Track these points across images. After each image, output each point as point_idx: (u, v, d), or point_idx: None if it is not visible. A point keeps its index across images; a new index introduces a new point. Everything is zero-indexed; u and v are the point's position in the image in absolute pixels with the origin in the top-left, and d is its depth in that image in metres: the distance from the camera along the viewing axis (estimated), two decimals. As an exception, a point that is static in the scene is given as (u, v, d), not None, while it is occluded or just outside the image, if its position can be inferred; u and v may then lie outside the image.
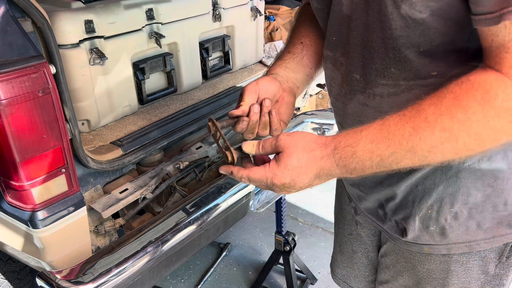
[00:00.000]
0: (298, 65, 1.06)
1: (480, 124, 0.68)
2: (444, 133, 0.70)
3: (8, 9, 1.14)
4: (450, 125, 0.70)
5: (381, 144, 0.75)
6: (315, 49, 1.08)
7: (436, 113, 0.71)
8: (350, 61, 0.90)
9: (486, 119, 0.68)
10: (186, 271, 2.60)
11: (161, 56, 1.97)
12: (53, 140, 1.22)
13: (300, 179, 0.82)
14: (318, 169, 0.81)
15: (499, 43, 0.67)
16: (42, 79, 1.15)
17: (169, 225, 1.46)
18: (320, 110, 2.28)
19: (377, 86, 0.87)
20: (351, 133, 0.79)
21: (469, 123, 0.69)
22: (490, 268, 0.98)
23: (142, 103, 1.98)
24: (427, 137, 0.71)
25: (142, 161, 1.77)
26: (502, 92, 0.67)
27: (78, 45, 1.65)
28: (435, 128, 0.71)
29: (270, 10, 3.08)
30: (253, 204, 1.83)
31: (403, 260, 1.07)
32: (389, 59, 0.82)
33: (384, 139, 0.75)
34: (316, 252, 2.72)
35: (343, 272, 1.36)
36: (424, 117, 0.72)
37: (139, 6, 1.85)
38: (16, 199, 1.26)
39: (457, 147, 0.71)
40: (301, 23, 1.13)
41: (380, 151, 0.75)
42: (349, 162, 0.78)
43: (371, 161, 0.76)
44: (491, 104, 0.67)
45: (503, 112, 0.67)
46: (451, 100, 0.70)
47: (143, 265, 1.36)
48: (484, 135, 0.69)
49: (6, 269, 1.82)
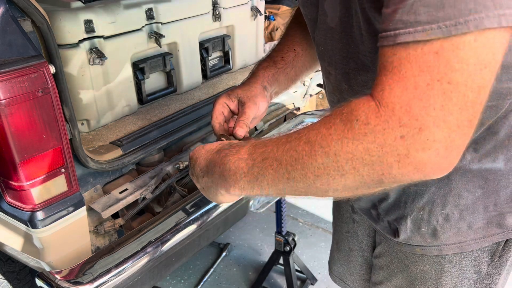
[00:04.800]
0: (285, 78, 1.10)
1: (338, 144, 0.63)
2: (306, 146, 0.67)
3: (7, 9, 1.13)
4: (314, 138, 0.66)
5: (258, 148, 0.75)
6: (304, 60, 1.12)
7: (310, 127, 0.69)
8: (338, 72, 0.90)
9: (345, 139, 0.62)
10: (186, 271, 2.59)
11: (161, 56, 1.97)
12: (52, 140, 1.22)
13: (199, 160, 0.87)
14: (207, 159, 0.85)
15: (383, 64, 0.62)
16: (42, 79, 1.15)
17: (169, 225, 1.46)
18: (320, 110, 2.28)
19: None
20: (253, 138, 0.84)
21: (329, 140, 0.64)
22: (483, 268, 0.98)
23: (141, 103, 1.98)
24: (293, 148, 0.69)
25: (142, 161, 1.77)
26: (365, 115, 0.61)
27: (78, 45, 1.65)
28: (301, 140, 0.68)
29: (270, 10, 3.08)
30: (253, 204, 1.82)
31: (397, 261, 1.08)
32: (372, 72, 0.80)
33: (263, 144, 0.74)
34: (316, 252, 2.72)
35: (339, 269, 1.37)
36: (301, 130, 0.70)
37: (138, 6, 1.85)
38: (15, 199, 1.26)
39: (316, 164, 0.66)
40: (297, 26, 1.14)
41: (256, 155, 0.74)
42: (228, 159, 0.78)
43: (245, 163, 0.75)
44: (351, 124, 0.62)
45: (361, 136, 0.61)
46: (325, 117, 0.67)
47: (143, 265, 1.36)
48: (341, 158, 0.63)
49: (5, 269, 1.82)
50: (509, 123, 0.87)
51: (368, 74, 0.84)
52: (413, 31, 0.57)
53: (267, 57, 1.11)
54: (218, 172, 0.80)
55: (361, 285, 1.32)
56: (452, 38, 0.56)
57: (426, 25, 0.56)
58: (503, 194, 0.92)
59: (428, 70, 0.57)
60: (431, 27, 0.56)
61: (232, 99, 1.04)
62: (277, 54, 1.10)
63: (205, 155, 0.87)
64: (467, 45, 0.55)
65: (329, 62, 0.92)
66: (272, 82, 1.07)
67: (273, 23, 2.97)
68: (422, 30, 0.57)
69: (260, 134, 2.04)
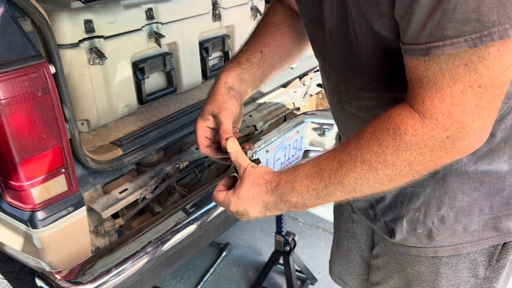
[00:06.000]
0: (252, 78, 1.09)
1: (394, 156, 0.73)
2: (364, 165, 0.75)
3: (7, 8, 1.13)
4: (368, 157, 0.75)
5: (314, 179, 0.81)
6: (271, 61, 1.11)
7: (357, 147, 0.77)
8: (336, 73, 0.93)
9: (399, 151, 0.72)
10: (186, 271, 2.59)
11: (161, 56, 1.97)
12: (52, 140, 1.22)
13: (251, 210, 0.89)
14: (265, 202, 0.87)
15: (417, 77, 0.70)
16: (42, 79, 1.15)
17: (169, 225, 1.46)
18: (320, 110, 2.28)
19: (362, 99, 0.90)
20: (292, 169, 0.86)
21: (384, 156, 0.73)
22: (480, 271, 0.98)
23: (141, 103, 1.98)
24: (351, 170, 0.77)
25: (142, 161, 1.77)
26: (412, 127, 0.70)
27: (78, 45, 1.65)
28: (357, 161, 0.76)
29: (270, 10, 3.08)
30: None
31: (394, 261, 1.08)
32: (369, 75, 0.86)
33: (317, 174, 0.81)
34: (316, 253, 2.72)
35: (339, 268, 1.37)
36: (348, 151, 0.78)
37: (138, 6, 1.85)
38: (15, 199, 1.26)
39: (379, 178, 0.76)
40: (267, 26, 1.12)
41: (315, 185, 0.81)
42: (290, 196, 0.84)
43: (308, 194, 0.82)
44: (401, 138, 0.71)
45: (413, 146, 0.71)
46: (369, 134, 0.76)
47: (142, 265, 1.36)
48: (400, 166, 0.73)
49: (5, 269, 1.82)
50: (505, 126, 0.87)
51: (364, 77, 0.86)
52: (442, 44, 0.64)
53: (233, 59, 1.09)
54: (285, 208, 0.87)
55: (360, 285, 1.32)
56: (477, 49, 0.63)
57: (454, 39, 0.63)
58: (499, 197, 0.92)
59: (461, 80, 0.66)
60: (458, 40, 0.63)
61: (207, 118, 1.01)
62: (243, 55, 1.09)
63: (252, 201, 0.88)
64: (491, 55, 0.63)
65: (330, 63, 0.94)
66: (236, 82, 1.05)
67: (273, 23, 2.97)
68: (450, 44, 0.64)
69: (260, 134, 2.04)
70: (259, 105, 2.18)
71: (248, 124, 2.05)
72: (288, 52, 1.12)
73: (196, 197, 1.58)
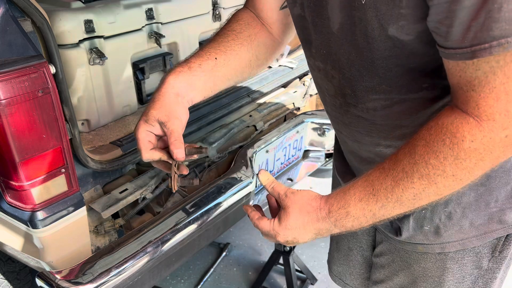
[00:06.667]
0: (202, 86, 1.00)
1: (453, 166, 0.70)
2: (423, 180, 0.73)
3: (7, 9, 1.13)
4: (426, 172, 0.72)
5: (369, 200, 0.79)
6: (225, 71, 1.02)
7: (411, 162, 0.74)
8: (341, 76, 0.91)
9: (458, 161, 0.70)
10: (186, 271, 2.59)
11: (161, 56, 1.97)
12: (52, 140, 1.22)
13: (301, 237, 0.87)
14: (317, 229, 0.85)
15: (466, 80, 0.68)
16: (42, 79, 1.15)
17: (169, 225, 1.46)
18: (320, 110, 2.28)
19: (369, 101, 0.89)
20: (341, 194, 0.83)
21: (443, 167, 0.71)
22: (484, 263, 0.99)
23: (141, 103, 1.98)
24: (408, 186, 0.75)
25: (142, 161, 1.77)
26: (468, 133, 0.68)
27: (78, 45, 1.65)
28: (414, 177, 0.74)
29: (270, 10, 3.07)
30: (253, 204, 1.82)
31: (399, 259, 1.08)
32: (380, 77, 0.84)
33: (371, 195, 0.79)
34: (316, 252, 2.72)
35: (339, 269, 1.37)
36: (401, 168, 0.75)
37: (139, 6, 1.85)
38: (15, 199, 1.26)
39: (439, 190, 0.74)
40: (227, 33, 1.06)
41: (371, 207, 0.79)
42: (345, 222, 0.82)
43: (365, 217, 0.80)
44: (459, 147, 0.69)
45: (472, 153, 0.69)
46: (423, 148, 0.73)
47: (143, 265, 1.36)
48: (460, 175, 0.71)
49: (5, 269, 1.82)
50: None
51: (374, 80, 0.85)
52: (489, 46, 0.63)
53: (183, 62, 1.00)
54: (339, 231, 0.85)
55: (361, 284, 1.32)
56: None
57: (501, 39, 0.62)
58: (504, 190, 0.93)
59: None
60: (507, 40, 0.62)
61: (152, 123, 0.93)
62: (195, 60, 0.99)
63: (303, 230, 0.87)
64: None
65: (333, 65, 0.92)
66: (185, 88, 0.97)
67: (273, 23, 2.96)
68: (497, 45, 0.62)
69: (260, 134, 2.04)
70: (259, 105, 2.18)
71: (248, 124, 2.05)
72: (245, 63, 1.04)
73: (196, 197, 1.58)
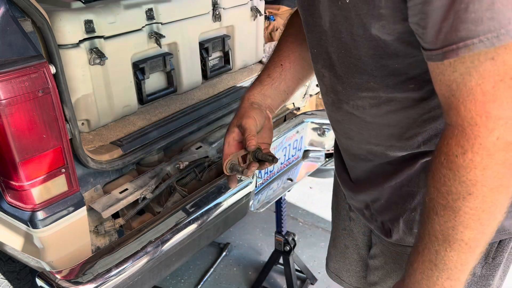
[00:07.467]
0: (275, 92, 1.12)
1: (462, 186, 0.67)
2: (446, 211, 0.70)
3: (8, 9, 1.14)
4: (444, 202, 0.70)
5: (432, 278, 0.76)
6: (294, 72, 1.13)
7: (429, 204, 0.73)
8: (333, 74, 0.92)
9: (461, 178, 0.67)
10: (186, 271, 2.59)
11: (161, 56, 1.97)
12: (53, 140, 1.22)
13: None
14: None
15: (446, 84, 0.67)
16: (42, 79, 1.15)
17: (169, 225, 1.46)
18: (320, 110, 2.28)
19: (359, 99, 0.89)
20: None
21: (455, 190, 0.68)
22: (477, 269, 0.98)
23: (142, 103, 1.98)
24: (442, 224, 0.72)
25: (142, 161, 1.77)
26: (457, 146, 0.66)
27: (78, 45, 1.65)
28: (432, 213, 0.72)
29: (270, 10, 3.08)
30: (253, 204, 1.82)
31: (391, 261, 1.08)
32: (368, 75, 0.85)
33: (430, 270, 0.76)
34: (316, 252, 2.72)
35: (335, 266, 1.38)
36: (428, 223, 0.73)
37: (139, 6, 1.85)
38: (16, 199, 1.26)
39: (472, 216, 0.69)
40: (286, 38, 1.15)
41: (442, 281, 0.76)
42: None
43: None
44: (455, 163, 0.67)
45: (469, 166, 0.66)
46: (431, 181, 0.71)
47: (143, 265, 1.36)
48: (477, 192, 0.67)
49: (6, 269, 1.82)
50: None
51: (362, 78, 0.86)
52: (456, 47, 0.62)
53: (255, 79, 1.14)
54: None
55: (357, 281, 1.33)
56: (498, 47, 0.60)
57: (468, 40, 0.61)
58: None
59: (489, 75, 0.62)
60: (472, 41, 0.60)
61: (233, 130, 1.06)
62: (264, 72, 1.13)
63: None
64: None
65: (323, 64, 0.93)
66: (259, 98, 1.10)
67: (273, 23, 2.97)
68: (463, 46, 0.61)
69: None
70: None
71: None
72: (309, 60, 1.09)
73: (196, 197, 1.58)
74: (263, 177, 1.98)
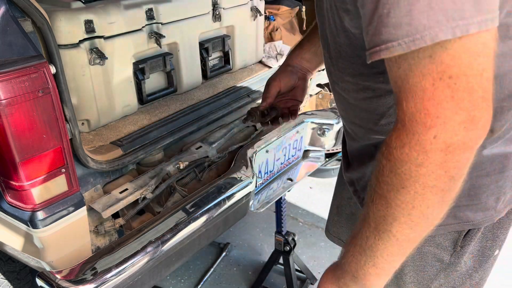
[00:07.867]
0: (313, 55, 1.29)
1: (396, 178, 0.70)
2: (382, 200, 0.73)
3: (8, 9, 1.14)
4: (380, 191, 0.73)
5: (356, 255, 0.80)
6: None
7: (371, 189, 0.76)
8: (328, 55, 1.00)
9: (396, 169, 0.69)
10: (186, 271, 2.60)
11: (161, 56, 1.97)
12: (53, 140, 1.22)
13: None
14: None
15: (393, 80, 0.69)
16: (42, 79, 1.15)
17: (169, 225, 1.46)
18: (320, 110, 2.28)
19: (344, 82, 0.97)
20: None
21: (389, 180, 0.71)
22: (445, 257, 1.01)
23: (142, 103, 1.98)
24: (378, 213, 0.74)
25: (142, 161, 1.77)
26: (396, 139, 0.68)
27: (78, 45, 1.65)
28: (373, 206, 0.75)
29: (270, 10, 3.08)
30: (253, 204, 1.82)
31: None
32: (347, 62, 0.92)
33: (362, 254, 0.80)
34: (316, 252, 2.72)
35: (338, 230, 1.40)
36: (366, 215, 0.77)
37: (139, 6, 1.85)
38: (16, 199, 1.26)
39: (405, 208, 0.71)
40: None
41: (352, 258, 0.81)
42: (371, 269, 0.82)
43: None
44: (393, 155, 0.69)
45: (404, 159, 0.68)
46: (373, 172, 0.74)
47: (143, 265, 1.36)
48: (410, 187, 0.69)
49: (6, 269, 1.82)
50: None
51: (344, 63, 0.93)
52: (379, 49, 0.66)
53: (298, 43, 1.32)
54: None
55: None
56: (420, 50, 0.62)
57: (388, 43, 0.64)
58: (462, 187, 0.94)
59: (429, 73, 0.63)
60: (392, 44, 0.64)
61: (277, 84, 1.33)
62: (304, 37, 1.31)
63: None
64: (455, 43, 0.62)
65: (323, 45, 1.02)
66: (297, 60, 1.30)
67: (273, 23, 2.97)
68: (385, 48, 0.65)
69: (260, 134, 2.04)
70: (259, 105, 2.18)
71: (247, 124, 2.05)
72: None
73: (196, 197, 1.58)
74: (263, 177, 1.98)
